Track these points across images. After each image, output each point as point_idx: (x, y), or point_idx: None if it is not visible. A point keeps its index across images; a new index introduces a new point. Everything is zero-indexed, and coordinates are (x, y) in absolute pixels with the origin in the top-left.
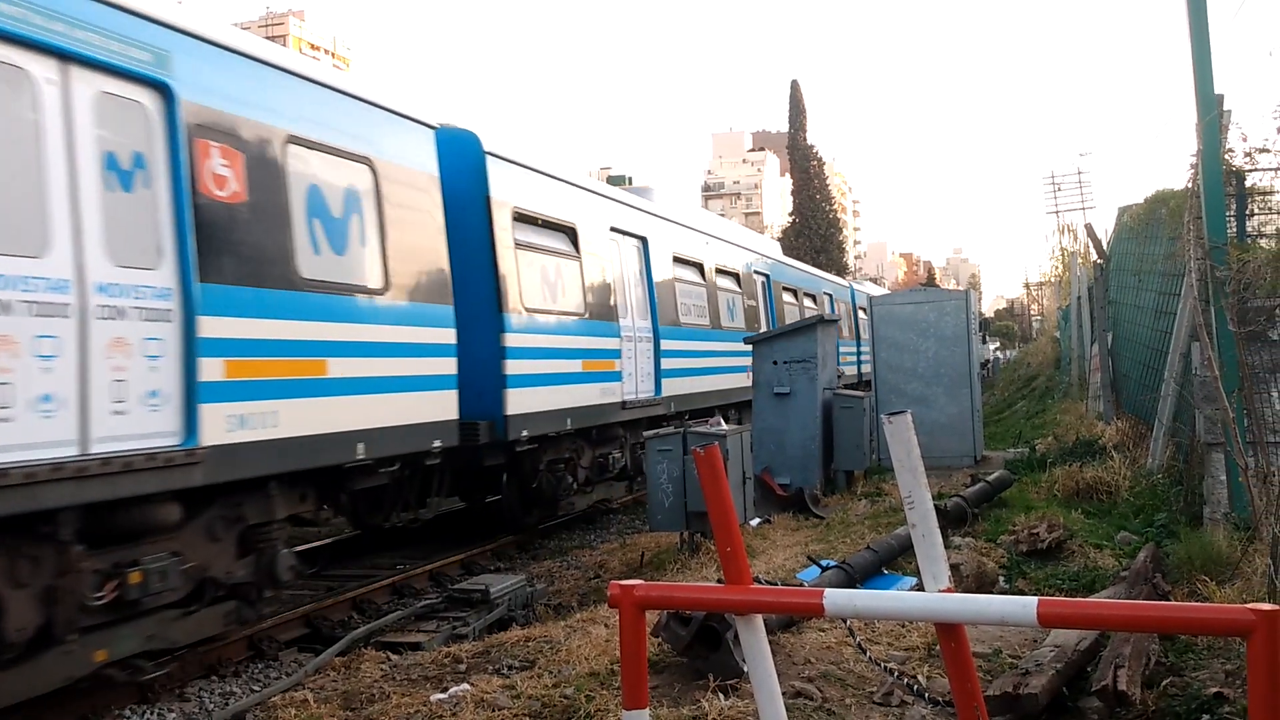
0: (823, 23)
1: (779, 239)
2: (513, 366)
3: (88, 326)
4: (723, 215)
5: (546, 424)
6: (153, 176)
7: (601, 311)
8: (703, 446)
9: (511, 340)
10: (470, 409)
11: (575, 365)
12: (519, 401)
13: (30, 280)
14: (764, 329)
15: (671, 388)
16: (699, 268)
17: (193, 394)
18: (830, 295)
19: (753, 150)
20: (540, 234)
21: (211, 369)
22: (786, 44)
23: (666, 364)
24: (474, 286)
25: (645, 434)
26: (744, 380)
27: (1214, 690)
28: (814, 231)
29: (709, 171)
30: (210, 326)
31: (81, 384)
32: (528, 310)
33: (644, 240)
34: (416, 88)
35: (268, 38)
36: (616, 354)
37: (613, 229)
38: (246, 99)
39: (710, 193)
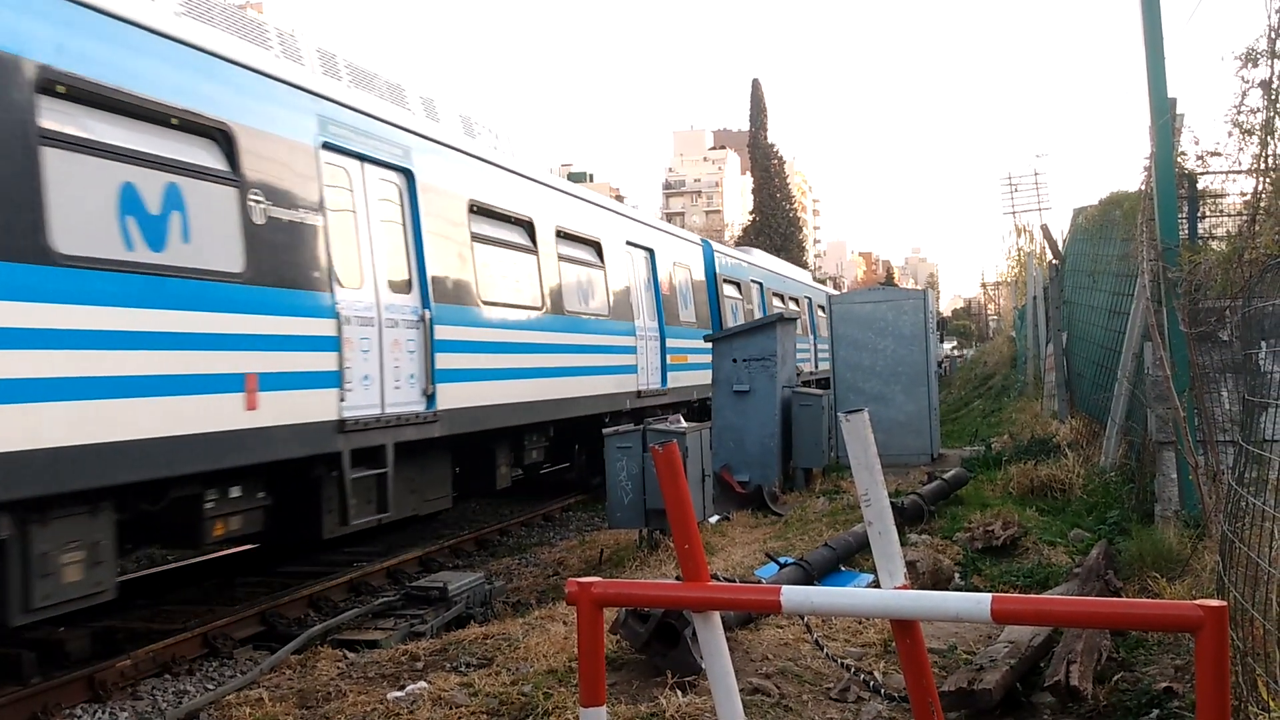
0: (784, 22)
1: (739, 237)
2: None
3: None
4: (683, 213)
5: None
6: None
7: None
8: (662, 444)
9: None
10: None
11: None
12: None
13: None
14: (424, 291)
15: None
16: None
17: None
18: (648, 252)
19: (714, 148)
20: None
21: None
22: (748, 43)
23: None
24: None
25: (605, 431)
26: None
27: (1164, 685)
28: (774, 230)
29: (670, 169)
30: None
31: None
32: None
33: None
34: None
35: None
36: None
37: None
38: None
39: (671, 190)
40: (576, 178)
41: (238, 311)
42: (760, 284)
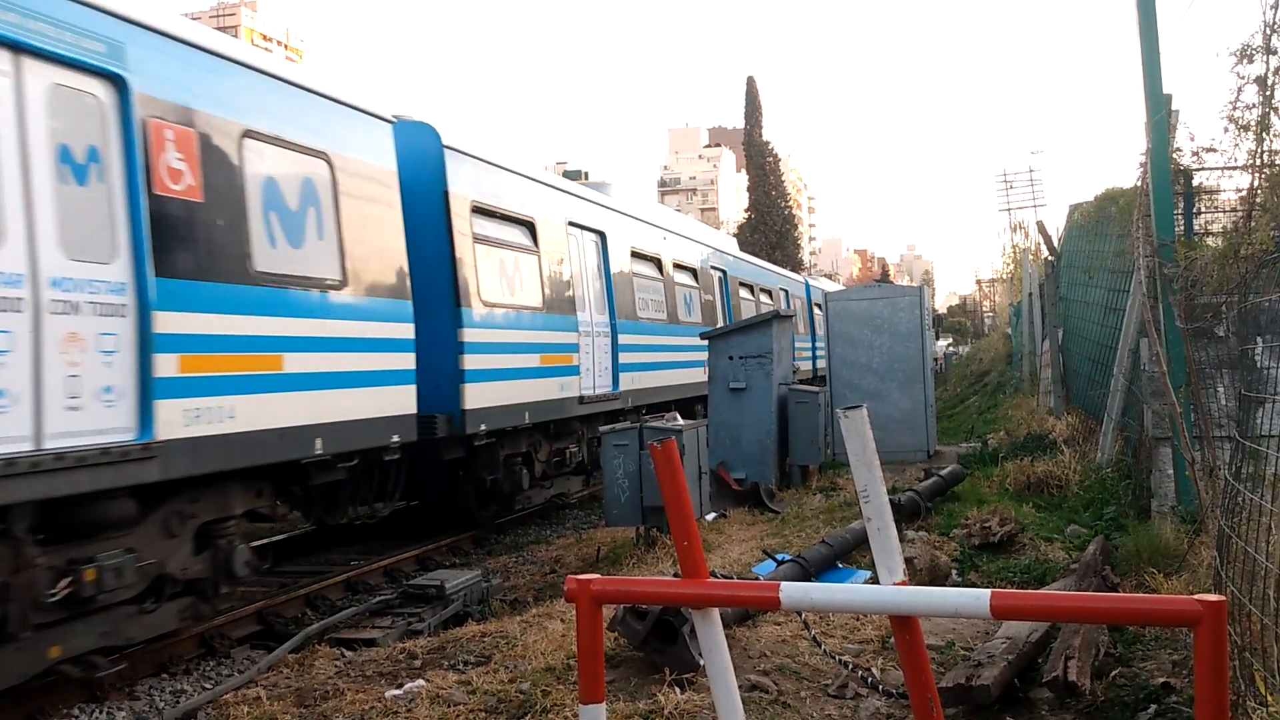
0: (779, 20)
1: (734, 235)
2: None
3: None
4: (678, 210)
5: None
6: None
7: None
8: (659, 441)
9: None
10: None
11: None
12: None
13: None
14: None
15: None
16: None
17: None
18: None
19: (709, 146)
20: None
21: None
22: (743, 40)
23: None
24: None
25: (601, 429)
26: None
27: (1161, 680)
28: (769, 228)
29: (665, 167)
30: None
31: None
32: None
33: None
34: (371, 81)
35: (219, 28)
36: None
37: None
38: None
39: (666, 188)
40: (572, 175)
41: None
42: (601, 234)
